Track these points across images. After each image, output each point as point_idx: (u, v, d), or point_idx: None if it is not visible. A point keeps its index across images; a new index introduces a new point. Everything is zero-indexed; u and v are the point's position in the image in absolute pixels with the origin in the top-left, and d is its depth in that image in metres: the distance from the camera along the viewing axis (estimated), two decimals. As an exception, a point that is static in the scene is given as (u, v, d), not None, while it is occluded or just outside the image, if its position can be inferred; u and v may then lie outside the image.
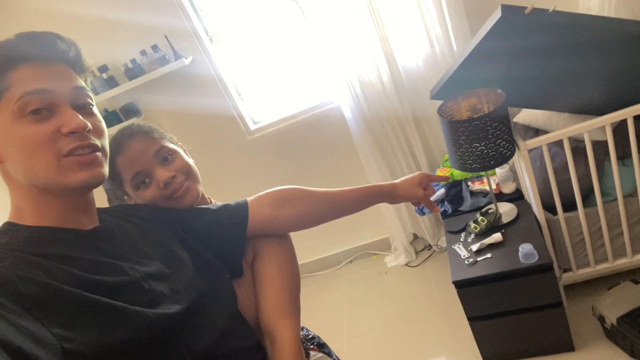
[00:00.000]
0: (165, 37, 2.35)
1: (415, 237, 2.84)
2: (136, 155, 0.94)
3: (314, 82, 2.60)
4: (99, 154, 0.71)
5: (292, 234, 1.06)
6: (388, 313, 2.49)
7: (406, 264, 2.76)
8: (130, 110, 2.53)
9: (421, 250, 2.83)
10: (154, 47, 2.36)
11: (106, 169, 0.73)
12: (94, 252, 0.71)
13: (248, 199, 1.00)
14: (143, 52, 2.37)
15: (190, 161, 1.04)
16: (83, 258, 0.68)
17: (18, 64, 0.66)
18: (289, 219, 0.99)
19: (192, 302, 0.77)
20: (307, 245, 2.99)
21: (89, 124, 0.69)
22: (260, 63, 2.61)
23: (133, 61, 2.40)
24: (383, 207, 2.67)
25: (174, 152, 1.00)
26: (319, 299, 2.86)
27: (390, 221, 2.72)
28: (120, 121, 2.54)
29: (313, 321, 2.66)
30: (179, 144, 1.08)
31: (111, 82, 2.43)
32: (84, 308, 0.61)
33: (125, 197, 1.01)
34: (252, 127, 2.68)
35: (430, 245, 2.76)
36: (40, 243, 0.67)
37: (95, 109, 0.74)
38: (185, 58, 2.36)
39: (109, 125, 2.48)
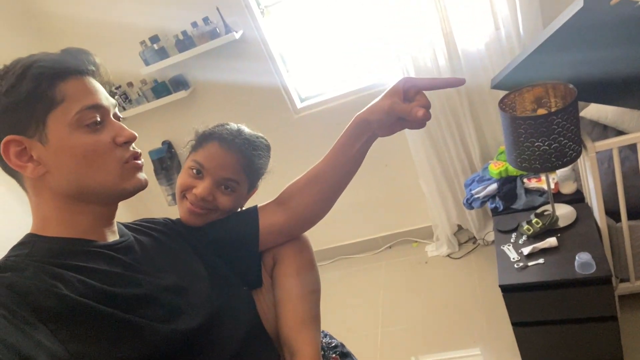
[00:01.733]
0: (217, 9, 2.31)
1: (460, 228, 2.75)
2: (218, 162, 0.94)
3: (366, 62, 2.51)
4: (141, 161, 0.78)
5: (329, 217, 1.03)
6: (425, 305, 2.45)
7: (448, 255, 2.70)
8: (179, 82, 2.54)
9: (465, 242, 2.74)
10: (205, 20, 2.33)
11: None
12: (112, 264, 0.73)
13: (258, 206, 0.99)
14: (194, 24, 2.36)
15: (234, 207, 1.00)
16: (101, 269, 0.69)
17: (66, 77, 0.70)
18: (305, 208, 0.96)
19: (208, 317, 0.77)
20: (346, 227, 2.97)
21: (136, 134, 0.76)
22: (312, 39, 2.54)
23: (184, 33, 2.39)
24: (428, 194, 2.60)
25: (237, 191, 0.97)
26: (355, 283, 2.86)
27: (434, 209, 2.65)
28: (169, 93, 2.55)
29: (348, 307, 2.69)
30: (255, 188, 1.07)
31: (162, 53, 2.44)
32: (98, 321, 0.62)
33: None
34: (299, 105, 2.64)
35: (475, 238, 2.67)
36: (61, 254, 0.69)
37: (122, 120, 0.80)
38: (236, 32, 2.33)
39: (158, 97, 2.52)
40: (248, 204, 1.05)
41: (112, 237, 0.79)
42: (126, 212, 1.26)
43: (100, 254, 0.73)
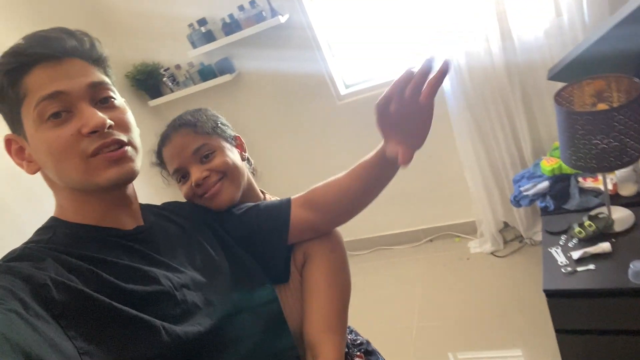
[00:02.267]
0: (264, -8, 2.30)
1: (506, 225, 2.64)
2: (177, 150, 0.96)
3: (413, 49, 2.43)
4: (127, 148, 0.68)
5: (369, 206, 0.99)
6: (464, 303, 2.38)
7: (492, 253, 2.60)
8: (224, 66, 2.57)
9: (511, 240, 2.63)
10: (252, 3, 2.32)
11: (137, 164, 0.71)
12: (130, 255, 0.70)
13: (292, 197, 0.95)
14: (241, 7, 2.36)
15: (234, 160, 0.99)
16: (118, 263, 0.67)
17: (30, 68, 0.64)
18: (334, 213, 0.93)
19: (224, 316, 0.74)
20: (387, 217, 2.92)
21: (108, 121, 0.66)
22: (359, 23, 2.48)
23: (230, 16, 2.39)
24: (473, 188, 2.50)
25: (216, 149, 0.97)
26: (392, 275, 2.82)
27: (479, 204, 2.54)
28: (214, 76, 2.58)
29: (384, 298, 2.66)
30: (234, 135, 1.05)
31: (209, 36, 2.46)
32: (111, 319, 0.59)
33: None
34: (343, 91, 2.60)
35: (522, 236, 2.55)
36: (79, 242, 0.67)
37: (118, 102, 0.71)
38: (282, 15, 2.31)
39: (204, 80, 2.55)
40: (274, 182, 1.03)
41: (133, 222, 0.76)
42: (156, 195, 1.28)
43: (118, 244, 0.70)
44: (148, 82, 2.66)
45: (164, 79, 2.64)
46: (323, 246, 0.95)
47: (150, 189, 1.34)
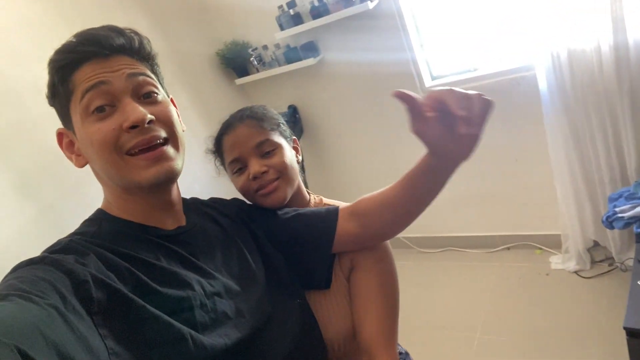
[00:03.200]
0: (355, -25, 2.25)
1: (596, 244, 2.40)
2: (240, 140, 0.97)
3: (510, 43, 2.25)
4: (166, 147, 0.69)
5: (445, 204, 0.96)
6: (536, 321, 2.22)
7: (575, 272, 2.38)
8: (310, 49, 2.57)
9: (599, 261, 2.39)
10: (342, -14, 2.29)
11: (178, 162, 0.71)
12: (168, 256, 0.71)
13: (340, 207, 0.93)
14: (330, -9, 2.33)
15: (292, 161, 1.01)
16: (155, 265, 0.67)
17: (80, 65, 0.66)
18: (379, 229, 0.90)
19: (254, 329, 0.73)
20: (463, 218, 2.81)
21: (149, 115, 0.66)
22: (453, 12, 2.34)
23: (320, -1, 2.39)
24: (562, 200, 2.29)
25: (278, 147, 0.99)
26: (461, 279, 2.70)
27: (567, 218, 2.33)
28: (299, 59, 2.60)
29: (449, 302, 2.56)
30: (292, 137, 1.07)
31: (296, 19, 2.47)
32: (143, 321, 0.60)
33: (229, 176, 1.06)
34: (428, 83, 2.49)
35: (613, 259, 2.31)
36: (122, 239, 0.68)
37: (161, 97, 0.72)
38: (371, 1, 2.25)
39: (288, 62, 2.58)
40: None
41: (175, 223, 0.77)
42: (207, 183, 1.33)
43: (158, 244, 0.71)
44: (236, 60, 2.76)
45: (251, 58, 2.72)
46: (371, 255, 0.95)
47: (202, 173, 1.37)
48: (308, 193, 1.11)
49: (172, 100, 0.78)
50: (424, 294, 2.66)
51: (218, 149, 1.04)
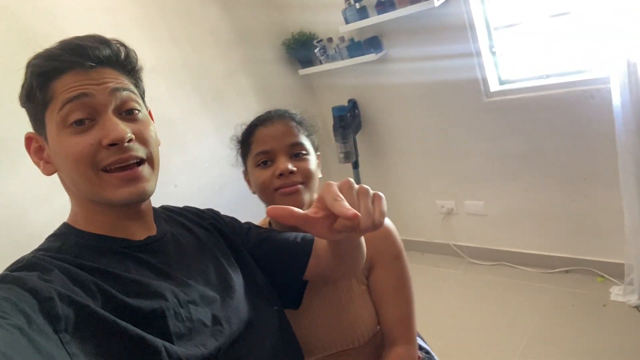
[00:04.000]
0: (423, -29, 2.20)
1: (667, 280, 2.18)
2: (275, 135, 0.99)
3: (587, 51, 2.08)
4: (141, 168, 0.69)
5: (502, 217, 0.97)
6: (584, 353, 2.07)
7: (636, 307, 2.18)
8: (373, 44, 2.56)
9: (668, 300, 2.17)
10: (409, -18, 2.25)
11: (151, 183, 0.71)
12: (138, 267, 0.69)
13: (315, 238, 0.89)
14: (398, -14, 2.30)
15: (316, 172, 1.04)
16: (125, 277, 0.66)
17: (61, 74, 0.65)
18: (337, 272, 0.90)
19: (231, 337, 0.71)
20: (519, 234, 2.68)
21: (129, 134, 0.66)
22: (527, 13, 2.21)
23: (387, -7, 2.36)
24: (629, 227, 2.10)
25: (308, 153, 1.02)
26: (509, 296, 2.58)
27: (634, 247, 2.13)
28: (361, 54, 2.59)
29: (490, 318, 2.46)
30: (318, 153, 1.09)
31: (362, 13, 2.46)
32: (112, 336, 0.58)
33: (242, 170, 1.09)
34: (494, 88, 2.38)
35: (684, 299, 2.09)
36: (88, 252, 0.67)
37: (141, 115, 0.71)
38: (438, -2, 2.18)
39: (351, 56, 2.59)
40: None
41: (144, 232, 0.75)
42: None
43: (127, 255, 0.70)
44: (301, 51, 2.81)
45: (316, 50, 2.75)
46: (388, 254, 1.01)
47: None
48: None
49: (149, 113, 0.77)
50: (468, 306, 2.58)
51: (247, 138, 1.05)
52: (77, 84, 0.65)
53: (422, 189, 2.96)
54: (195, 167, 2.36)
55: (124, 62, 0.71)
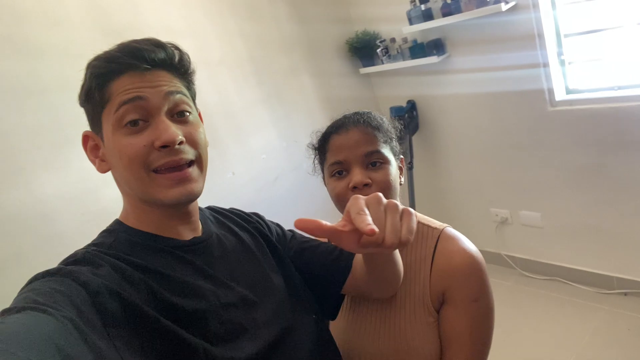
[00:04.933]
0: (492, -26, 2.17)
1: None
2: (349, 144, 0.93)
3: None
4: (191, 169, 0.71)
5: (561, 231, 0.90)
6: (633, 381, 2.00)
7: (700, 340, 2.06)
8: (436, 47, 2.56)
9: None
10: (478, -14, 2.23)
11: (200, 184, 0.73)
12: (183, 267, 0.72)
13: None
14: (465, -11, 2.29)
15: (395, 181, 0.96)
16: (170, 276, 0.68)
17: (119, 75, 0.68)
18: (367, 281, 0.89)
19: (269, 342, 0.73)
20: (579, 249, 2.60)
21: (180, 137, 0.68)
22: (600, 21, 2.13)
23: (453, -4, 2.35)
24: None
25: (386, 161, 0.94)
26: (562, 315, 2.51)
27: None
28: (424, 55, 2.61)
29: (541, 336, 2.41)
30: (400, 157, 1.03)
31: (426, 15, 2.48)
32: (156, 334, 0.61)
33: (321, 176, 1.06)
34: (560, 97, 2.31)
35: None
36: (138, 250, 0.70)
37: (192, 117, 0.74)
38: (506, 2, 2.15)
39: (412, 57, 2.61)
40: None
41: (191, 233, 0.77)
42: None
43: (173, 255, 0.72)
44: (363, 50, 2.86)
45: (378, 50, 2.79)
46: (467, 292, 0.91)
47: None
48: None
49: (199, 114, 0.79)
50: (515, 320, 2.53)
51: (322, 146, 1.01)
52: (133, 86, 0.68)
53: (477, 195, 2.93)
54: (252, 158, 2.48)
55: (177, 65, 0.73)
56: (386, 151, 0.95)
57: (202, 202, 0.86)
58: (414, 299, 0.95)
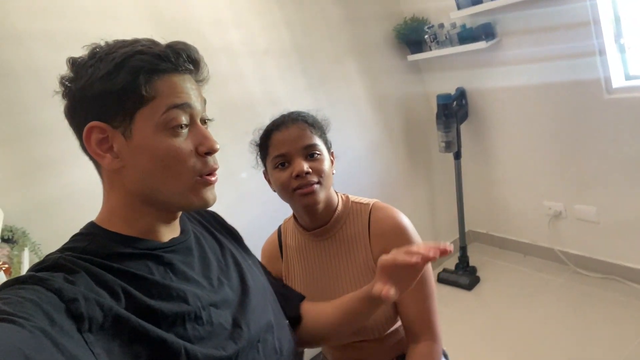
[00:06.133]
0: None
1: None
2: (290, 138, 1.08)
3: None
4: (217, 176, 0.76)
5: (619, 228, 0.95)
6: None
7: None
8: (485, 32, 2.50)
9: None
10: (529, -34, 2.15)
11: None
12: (162, 269, 0.72)
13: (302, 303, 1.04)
14: (516, -30, 2.21)
15: (330, 170, 1.12)
16: (148, 279, 0.68)
17: (165, 74, 0.69)
18: (309, 334, 1.00)
19: (250, 341, 0.75)
20: (637, 249, 2.43)
21: (217, 146, 0.73)
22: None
23: (503, -21, 2.28)
24: None
25: (322, 154, 1.10)
26: (615, 316, 2.37)
27: None
28: (472, 41, 2.55)
29: (589, 334, 2.32)
30: (332, 150, 1.18)
31: (476, -1, 2.42)
32: (136, 337, 0.60)
33: (262, 170, 1.19)
34: (617, 84, 2.18)
35: None
36: (114, 253, 0.68)
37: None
38: (558, -16, 2.06)
39: (461, 43, 2.58)
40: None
41: (171, 234, 0.78)
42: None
43: (151, 257, 0.71)
44: (411, 36, 2.84)
45: (426, 36, 2.76)
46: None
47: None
48: (336, 193, 1.21)
49: None
50: (565, 317, 2.45)
51: (264, 142, 1.14)
52: (181, 90, 0.70)
53: (529, 187, 2.83)
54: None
55: (202, 72, 0.77)
56: (320, 144, 1.11)
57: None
58: (359, 267, 1.14)
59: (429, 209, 3.22)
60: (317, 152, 1.10)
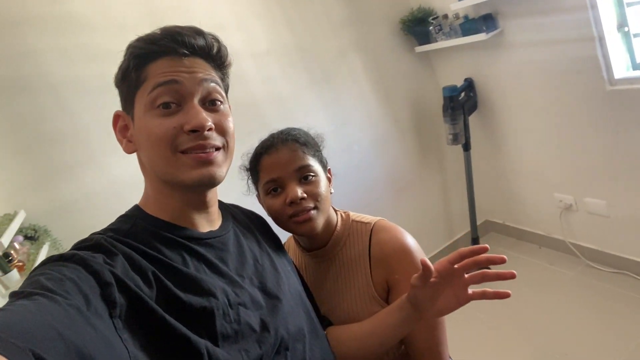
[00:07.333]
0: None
1: None
2: (280, 162, 0.99)
3: None
4: (217, 153, 0.73)
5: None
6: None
7: None
8: (487, 22, 2.47)
9: None
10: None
11: (223, 169, 0.74)
12: (196, 261, 0.72)
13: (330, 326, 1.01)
14: (512, -39, 2.17)
15: (327, 191, 1.03)
16: (182, 271, 0.68)
17: (157, 57, 0.70)
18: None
19: (275, 346, 0.73)
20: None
21: (209, 123, 0.70)
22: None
23: (501, -31, 2.25)
24: None
25: (317, 175, 1.01)
26: (626, 312, 2.32)
27: None
28: (476, 32, 2.52)
29: (595, 332, 2.30)
30: (328, 168, 1.10)
31: (475, -11, 2.39)
32: (159, 331, 0.60)
33: (256, 195, 1.11)
34: (620, 74, 2.11)
35: None
36: (153, 239, 0.70)
37: (223, 107, 0.76)
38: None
39: (465, 34, 2.56)
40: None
41: (209, 226, 0.78)
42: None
43: (187, 248, 0.72)
44: (416, 28, 2.83)
45: (431, 27, 2.76)
46: (405, 276, 0.97)
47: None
48: (336, 211, 1.13)
49: (229, 107, 0.81)
50: (575, 312, 2.43)
51: (254, 167, 1.05)
52: (170, 69, 0.70)
53: (539, 179, 2.79)
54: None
55: (215, 56, 0.76)
56: (315, 164, 1.02)
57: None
58: (359, 292, 1.04)
59: (442, 200, 3.24)
60: (312, 174, 1.00)
